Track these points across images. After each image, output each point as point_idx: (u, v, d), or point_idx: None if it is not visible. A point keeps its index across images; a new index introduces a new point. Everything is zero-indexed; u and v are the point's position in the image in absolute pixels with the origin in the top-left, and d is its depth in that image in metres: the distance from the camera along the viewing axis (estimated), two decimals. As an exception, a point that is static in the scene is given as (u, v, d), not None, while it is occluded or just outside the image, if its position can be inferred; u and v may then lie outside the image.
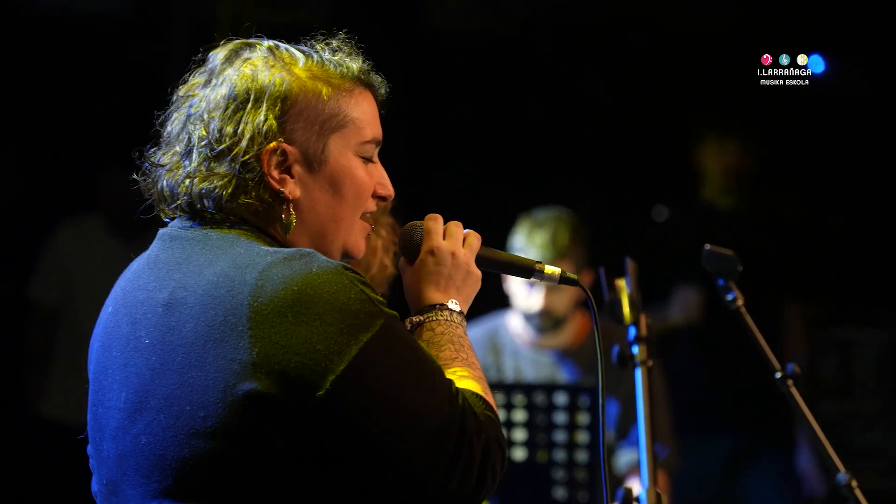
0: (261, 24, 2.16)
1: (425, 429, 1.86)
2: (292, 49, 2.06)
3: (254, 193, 1.99)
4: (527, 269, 2.24)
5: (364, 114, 2.07)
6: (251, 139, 1.98)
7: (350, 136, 2.05)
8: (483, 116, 6.31)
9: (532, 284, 4.38)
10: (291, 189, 2.01)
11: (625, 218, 6.12)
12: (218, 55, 2.06)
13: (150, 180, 2.07)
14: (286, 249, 1.94)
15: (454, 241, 2.14)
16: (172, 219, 2.06)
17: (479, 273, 2.16)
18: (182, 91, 2.07)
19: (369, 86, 2.10)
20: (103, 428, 2.02)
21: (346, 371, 1.84)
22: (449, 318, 2.07)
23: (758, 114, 5.65)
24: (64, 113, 5.92)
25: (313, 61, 2.05)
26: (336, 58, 2.07)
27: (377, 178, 2.11)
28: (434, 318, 2.07)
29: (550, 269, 2.24)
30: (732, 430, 5.29)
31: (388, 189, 2.12)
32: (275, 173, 2.00)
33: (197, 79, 2.06)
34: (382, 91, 2.13)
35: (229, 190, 1.98)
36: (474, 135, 6.29)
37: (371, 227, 2.14)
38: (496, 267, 2.24)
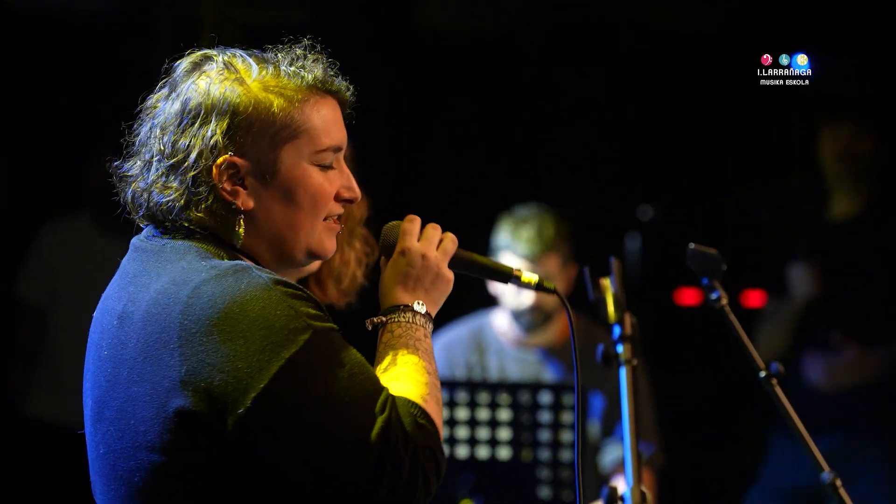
0: (243, 24, 2.17)
1: (346, 442, 1.87)
2: (249, 59, 2.08)
3: (204, 206, 2.03)
4: (504, 275, 2.26)
5: (321, 122, 2.08)
6: (199, 154, 2.01)
7: (303, 146, 2.07)
8: (470, 116, 6.31)
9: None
10: (244, 200, 2.04)
11: (611, 217, 6.13)
12: (180, 66, 2.10)
13: (122, 188, 2.11)
14: (225, 263, 1.97)
15: (428, 242, 2.16)
16: (146, 225, 2.11)
17: (450, 276, 2.17)
18: (150, 102, 2.11)
19: (330, 92, 2.11)
20: (87, 430, 2.08)
21: (267, 388, 1.87)
22: (411, 320, 2.09)
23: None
24: (49, 112, 5.91)
25: (268, 72, 2.07)
26: (293, 68, 2.08)
27: (341, 183, 2.12)
28: (395, 320, 2.09)
29: (528, 277, 2.26)
30: (831, 430, 4.88)
31: (354, 192, 2.14)
32: (227, 186, 2.03)
33: (163, 90, 2.10)
34: (347, 95, 2.14)
35: (181, 202, 2.02)
36: (461, 134, 6.29)
37: (341, 227, 2.16)
38: (473, 270, 2.25)
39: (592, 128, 6.32)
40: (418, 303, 2.11)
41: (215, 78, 2.04)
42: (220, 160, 2.01)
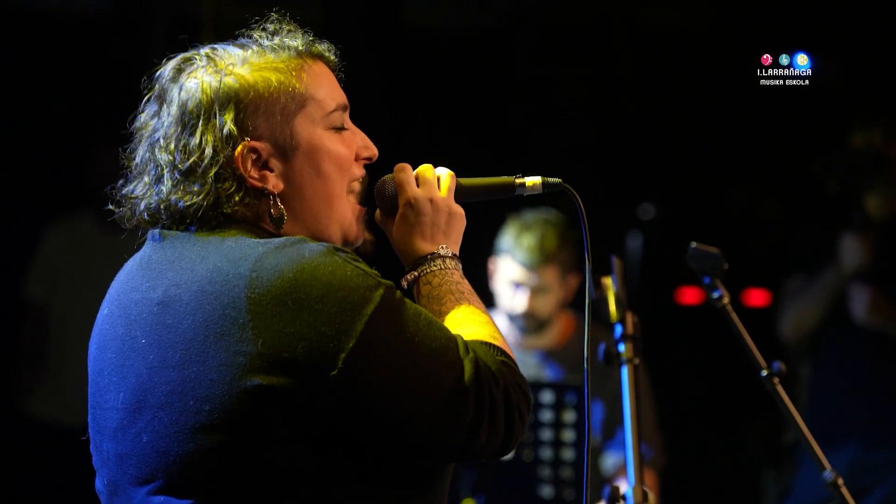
0: (242, 24, 2.15)
1: (443, 390, 1.88)
2: (230, 48, 2.06)
3: (237, 198, 2.00)
4: (508, 188, 2.24)
5: (319, 86, 2.07)
6: (215, 149, 1.98)
7: (313, 112, 2.06)
8: (468, 115, 6.30)
9: (518, 286, 4.35)
10: (274, 183, 2.03)
11: (613, 215, 6.12)
12: (162, 77, 2.06)
13: (127, 211, 2.07)
14: (276, 239, 1.95)
15: (429, 186, 2.15)
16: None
17: (461, 211, 2.17)
18: (140, 122, 2.07)
19: (317, 56, 2.10)
20: (102, 429, 2.02)
21: (356, 347, 1.85)
22: (443, 266, 2.09)
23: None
24: (51, 113, 5.92)
25: (253, 53, 2.05)
26: (275, 42, 2.07)
27: (357, 143, 2.12)
28: (428, 271, 2.09)
29: (531, 181, 2.23)
30: (851, 437, 4.82)
31: (372, 150, 2.14)
32: (253, 173, 2.01)
33: (150, 108, 2.07)
34: (333, 57, 2.13)
35: (209, 201, 1.99)
36: (457, 134, 6.28)
37: (366, 209, 2.14)
38: (478, 196, 2.23)
39: (594, 126, 6.31)
40: (442, 247, 2.12)
41: (202, 74, 2.02)
42: (238, 149, 1.99)
